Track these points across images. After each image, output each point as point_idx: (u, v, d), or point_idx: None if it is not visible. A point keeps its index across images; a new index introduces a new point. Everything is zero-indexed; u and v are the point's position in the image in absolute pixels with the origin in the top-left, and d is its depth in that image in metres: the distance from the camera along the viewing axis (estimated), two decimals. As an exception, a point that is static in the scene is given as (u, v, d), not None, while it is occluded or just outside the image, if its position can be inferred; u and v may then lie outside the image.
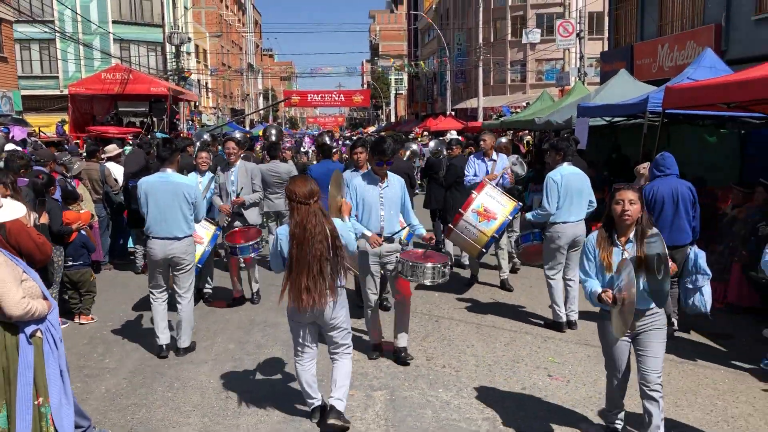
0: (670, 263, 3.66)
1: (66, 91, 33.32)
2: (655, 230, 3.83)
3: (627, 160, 12.01)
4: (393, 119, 76.26)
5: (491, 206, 6.97)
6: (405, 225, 5.93)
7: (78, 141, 20.49)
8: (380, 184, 5.59)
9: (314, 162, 13.24)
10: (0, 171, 5.04)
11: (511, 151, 10.59)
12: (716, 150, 11.47)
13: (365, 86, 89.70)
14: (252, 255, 7.26)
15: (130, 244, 10.45)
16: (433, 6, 60.04)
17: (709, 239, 7.94)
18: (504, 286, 8.27)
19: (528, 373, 5.45)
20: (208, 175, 7.93)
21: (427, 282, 5.41)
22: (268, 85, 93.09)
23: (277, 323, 6.85)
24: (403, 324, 5.72)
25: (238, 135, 15.34)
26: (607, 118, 12.27)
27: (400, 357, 5.66)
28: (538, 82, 41.88)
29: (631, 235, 3.87)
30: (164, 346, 5.95)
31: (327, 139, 9.89)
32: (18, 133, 18.43)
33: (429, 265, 5.30)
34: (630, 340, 3.95)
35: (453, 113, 40.64)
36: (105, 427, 4.53)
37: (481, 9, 41.97)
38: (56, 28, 33.05)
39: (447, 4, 55.22)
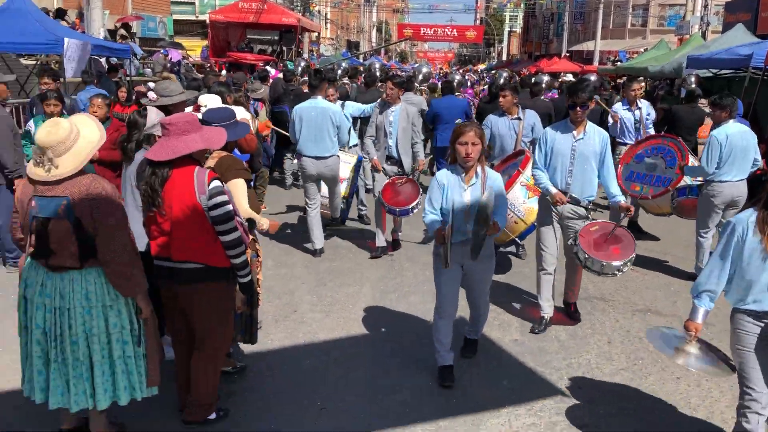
0: None
1: (200, 17, 36.12)
2: None
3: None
4: (504, 58, 75.77)
5: None
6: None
7: (212, 66, 22.85)
8: (574, 134, 4.94)
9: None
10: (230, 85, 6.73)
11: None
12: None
13: (478, 23, 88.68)
14: (412, 214, 6.70)
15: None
16: (557, -57, 58.54)
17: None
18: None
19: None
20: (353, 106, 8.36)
21: (608, 276, 4.82)
22: (382, 18, 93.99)
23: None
24: (576, 286, 5.42)
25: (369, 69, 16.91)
26: (714, 71, 13.10)
27: (570, 312, 5.47)
28: (659, 28, 41.00)
29: None
30: (317, 250, 7.05)
31: (457, 77, 11.34)
32: (175, 55, 20.94)
33: (614, 263, 4.64)
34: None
35: (568, 55, 40.66)
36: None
37: (606, -51, 41.13)
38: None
39: (571, -58, 53.88)
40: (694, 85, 11.37)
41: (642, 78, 18.58)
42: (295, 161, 10.75)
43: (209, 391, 3.74)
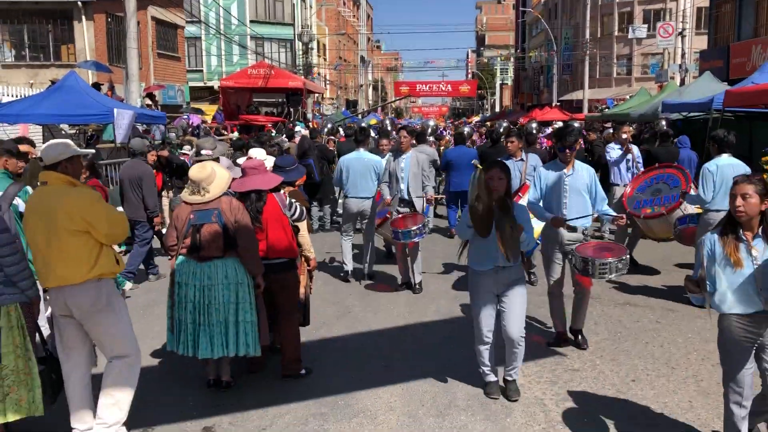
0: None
1: (208, 84, 38.36)
2: None
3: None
4: (498, 109, 78.49)
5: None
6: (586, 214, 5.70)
7: (227, 128, 24.72)
8: (565, 171, 5.70)
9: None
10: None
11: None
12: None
13: (470, 77, 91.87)
14: (415, 240, 7.32)
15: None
16: (542, 0, 61.79)
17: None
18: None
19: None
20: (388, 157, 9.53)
21: (604, 278, 5.39)
22: (378, 77, 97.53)
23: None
24: (581, 313, 5.90)
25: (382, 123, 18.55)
26: (684, 113, 14.84)
27: (577, 340, 5.94)
28: (643, 75, 43.26)
29: (760, 230, 3.55)
30: (349, 272, 8.27)
31: (466, 129, 13.05)
32: (195, 120, 22.82)
33: (606, 260, 5.18)
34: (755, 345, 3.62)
35: (558, 104, 42.75)
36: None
37: (588, 5, 43.81)
38: (214, 27, 36.80)
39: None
40: (665, 128, 12.82)
41: (629, 123, 20.33)
42: (320, 209, 12.41)
43: (299, 347, 5.28)
